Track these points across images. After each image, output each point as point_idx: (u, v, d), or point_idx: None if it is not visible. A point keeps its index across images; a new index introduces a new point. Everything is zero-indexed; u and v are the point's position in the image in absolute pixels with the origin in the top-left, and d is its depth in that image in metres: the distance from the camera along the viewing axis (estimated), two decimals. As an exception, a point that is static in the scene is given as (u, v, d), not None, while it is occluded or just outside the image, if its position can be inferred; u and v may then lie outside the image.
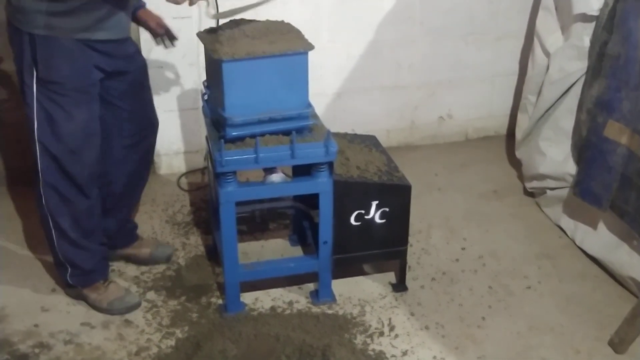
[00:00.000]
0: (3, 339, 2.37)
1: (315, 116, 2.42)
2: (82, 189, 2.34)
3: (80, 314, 2.49)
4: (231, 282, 2.45)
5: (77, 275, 2.47)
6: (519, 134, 3.36)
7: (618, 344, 2.34)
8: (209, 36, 2.33)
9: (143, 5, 2.53)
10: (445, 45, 3.61)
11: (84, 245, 2.42)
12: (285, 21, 2.45)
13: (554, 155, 3.01)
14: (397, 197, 2.50)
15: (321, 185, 2.36)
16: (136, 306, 2.51)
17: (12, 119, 3.18)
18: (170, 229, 2.99)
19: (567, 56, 2.92)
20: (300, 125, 2.32)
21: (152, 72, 3.20)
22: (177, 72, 3.25)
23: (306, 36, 2.34)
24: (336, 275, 2.60)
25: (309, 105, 2.34)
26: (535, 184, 3.19)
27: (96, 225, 2.46)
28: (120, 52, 2.33)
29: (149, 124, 2.56)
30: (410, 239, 2.68)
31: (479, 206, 3.25)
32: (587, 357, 2.34)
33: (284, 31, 2.33)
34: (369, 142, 2.74)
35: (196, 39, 2.45)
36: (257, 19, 2.45)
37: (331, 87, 3.53)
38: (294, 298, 2.59)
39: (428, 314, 2.53)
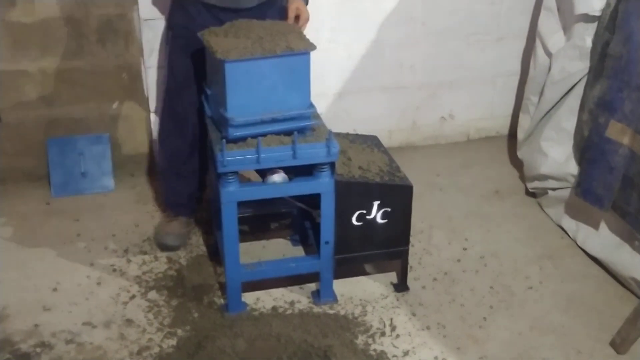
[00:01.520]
0: (4, 338, 2.37)
1: (317, 116, 2.42)
2: (180, 127, 2.74)
3: (81, 314, 2.49)
4: (233, 282, 2.45)
5: (163, 199, 3.02)
6: (520, 134, 3.35)
7: (620, 344, 2.34)
8: (211, 36, 2.33)
9: None
10: (447, 46, 3.61)
11: (169, 179, 2.88)
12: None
13: (556, 155, 3.01)
14: (399, 197, 2.50)
15: (323, 185, 2.36)
16: (168, 248, 2.82)
17: (13, 119, 3.19)
18: (171, 229, 2.99)
19: (569, 56, 2.92)
20: (302, 125, 2.32)
21: (154, 73, 3.23)
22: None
23: (307, 36, 2.34)
24: (338, 275, 2.60)
25: (311, 106, 2.34)
26: (536, 184, 3.19)
27: (189, 171, 2.82)
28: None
29: None
30: (412, 239, 2.68)
31: (481, 206, 3.24)
32: (589, 358, 2.34)
33: (285, 32, 2.33)
34: (371, 142, 2.74)
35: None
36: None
37: (332, 87, 3.53)
38: (296, 298, 2.59)
39: (429, 314, 2.53)
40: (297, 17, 2.60)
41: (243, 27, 2.37)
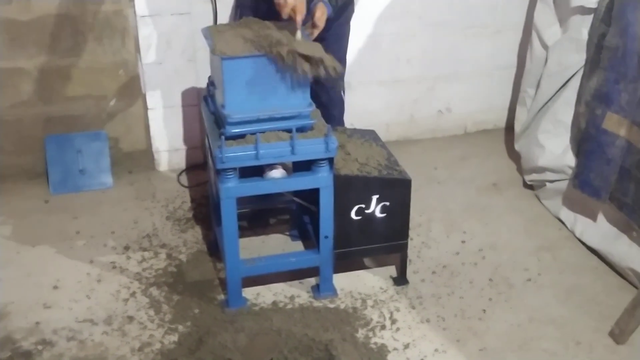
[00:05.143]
0: (6, 336, 2.37)
1: (316, 115, 2.40)
2: None
3: (82, 311, 2.50)
4: (233, 278, 2.46)
5: None
6: (517, 127, 3.36)
7: (618, 334, 2.35)
8: (215, 33, 2.32)
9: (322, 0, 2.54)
10: (444, 39, 3.61)
11: None
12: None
13: (553, 147, 3.01)
14: (398, 191, 2.51)
15: (322, 180, 2.36)
16: None
17: (10, 117, 3.18)
18: (171, 225, 2.99)
19: (565, 49, 2.92)
20: (301, 124, 2.31)
21: (151, 69, 3.23)
22: (176, 69, 3.25)
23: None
24: (337, 270, 2.61)
25: (310, 105, 2.33)
26: (534, 176, 3.20)
27: None
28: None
29: None
30: (411, 233, 2.69)
31: (479, 199, 3.25)
32: (588, 348, 2.35)
33: (292, 30, 2.32)
34: (369, 136, 2.74)
35: (195, 35, 2.45)
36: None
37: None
38: (296, 293, 2.60)
39: (429, 307, 2.54)
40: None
41: (250, 24, 2.37)
